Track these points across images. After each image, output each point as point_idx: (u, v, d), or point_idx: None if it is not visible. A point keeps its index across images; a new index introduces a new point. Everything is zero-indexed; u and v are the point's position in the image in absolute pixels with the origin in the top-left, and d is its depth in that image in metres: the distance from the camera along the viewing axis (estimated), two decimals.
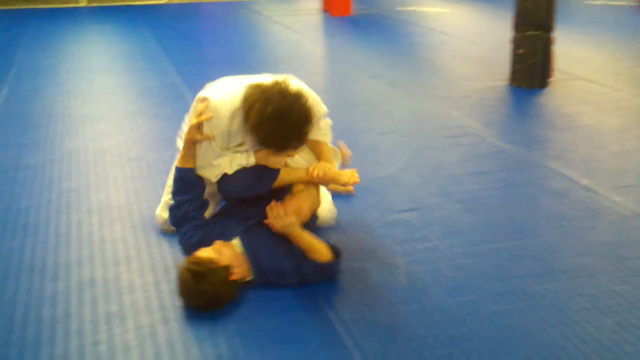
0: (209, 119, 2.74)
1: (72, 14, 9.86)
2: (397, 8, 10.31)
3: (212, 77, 3.00)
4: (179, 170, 2.88)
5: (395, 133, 4.70)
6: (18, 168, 4.02)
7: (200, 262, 2.56)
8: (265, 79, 2.84)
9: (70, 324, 2.51)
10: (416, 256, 2.99)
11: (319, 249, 2.75)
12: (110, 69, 6.74)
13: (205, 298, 2.55)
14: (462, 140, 4.52)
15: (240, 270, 2.65)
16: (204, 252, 2.62)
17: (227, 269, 2.59)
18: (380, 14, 9.92)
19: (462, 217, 3.38)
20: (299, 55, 7.48)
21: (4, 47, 7.67)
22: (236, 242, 2.75)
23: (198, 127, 2.76)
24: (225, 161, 2.83)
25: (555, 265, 2.90)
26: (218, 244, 2.69)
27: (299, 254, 2.74)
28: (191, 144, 2.81)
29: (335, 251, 2.79)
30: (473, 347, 2.36)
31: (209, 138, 2.77)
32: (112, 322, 2.52)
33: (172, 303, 2.63)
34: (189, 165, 2.85)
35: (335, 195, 3.46)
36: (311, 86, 2.93)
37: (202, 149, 2.81)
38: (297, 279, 2.72)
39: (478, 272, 2.84)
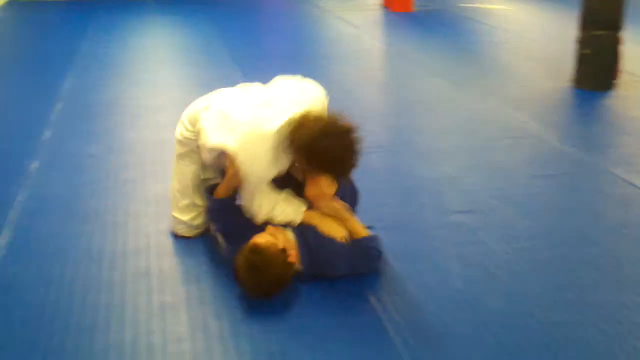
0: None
1: (138, 6, 10.02)
2: (459, 4, 10.14)
3: (271, 72, 3.00)
4: (218, 202, 2.88)
5: (454, 133, 4.62)
6: (80, 156, 4.11)
7: (261, 249, 2.56)
8: (256, 89, 2.85)
9: (125, 312, 2.55)
10: (471, 260, 2.93)
11: (361, 230, 2.79)
12: (173, 61, 6.83)
13: (269, 283, 2.56)
14: (522, 141, 4.41)
15: (295, 254, 2.66)
16: (261, 238, 2.63)
17: (284, 251, 2.60)
18: (442, 10, 9.78)
19: (521, 221, 3.30)
20: (358, 51, 7.43)
21: (71, 37, 7.85)
22: (288, 230, 2.76)
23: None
24: (269, 205, 2.75)
25: (618, 276, 2.80)
26: (272, 228, 2.70)
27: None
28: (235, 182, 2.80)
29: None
30: (527, 358, 2.30)
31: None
32: (166, 312, 2.55)
33: (226, 297, 2.64)
34: (227, 195, 2.86)
35: (385, 196, 3.43)
36: (369, 82, 2.89)
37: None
38: (347, 265, 2.71)
39: (535, 280, 2.77)
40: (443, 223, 3.28)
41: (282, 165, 2.67)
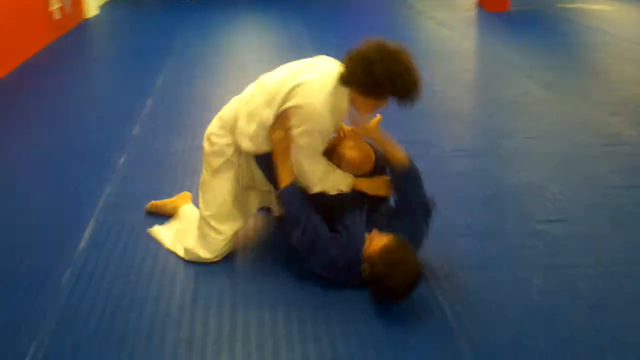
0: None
1: (230, 5, 10.21)
2: (557, 4, 9.79)
3: None
4: (291, 190, 2.73)
5: (543, 138, 4.45)
6: (166, 153, 4.21)
7: (390, 246, 2.54)
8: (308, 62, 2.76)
9: (197, 306, 2.58)
10: (553, 272, 2.81)
11: (397, 153, 2.74)
12: (261, 59, 6.91)
13: (414, 275, 2.51)
14: (617, 150, 4.20)
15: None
16: (378, 242, 2.59)
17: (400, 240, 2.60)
18: (539, 10, 9.47)
19: (610, 233, 3.14)
20: (449, 51, 7.30)
21: (164, 35, 8.07)
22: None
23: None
24: (321, 171, 2.72)
25: None
26: (375, 232, 2.67)
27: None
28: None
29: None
30: None
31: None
32: (237, 308, 2.56)
33: (282, 298, 2.64)
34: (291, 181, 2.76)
35: (466, 201, 3.33)
36: (458, 84, 2.82)
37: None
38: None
39: (621, 296, 2.63)
40: (526, 232, 3.16)
41: (341, 113, 2.66)
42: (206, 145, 2.92)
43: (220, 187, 2.88)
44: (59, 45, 7.53)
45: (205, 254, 2.87)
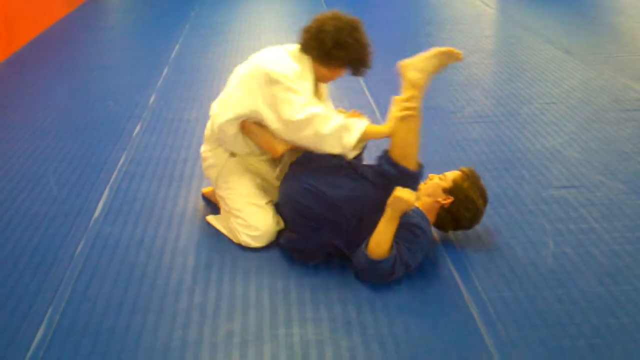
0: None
1: None
2: None
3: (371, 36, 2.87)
4: (363, 260, 2.50)
5: (562, 103, 4.39)
6: (180, 121, 4.21)
7: (466, 173, 2.70)
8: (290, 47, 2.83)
9: (210, 274, 2.60)
10: (569, 237, 2.78)
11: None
12: (276, 28, 6.87)
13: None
14: (638, 115, 4.12)
15: None
16: (449, 176, 2.69)
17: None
18: None
19: (627, 199, 3.09)
20: (467, 16, 7.19)
21: (181, 5, 8.04)
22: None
23: None
24: (309, 100, 2.66)
25: None
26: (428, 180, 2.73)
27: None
28: None
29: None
30: (619, 341, 2.16)
31: None
32: (250, 277, 2.58)
33: (296, 265, 2.64)
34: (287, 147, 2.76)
35: (484, 167, 3.30)
36: (476, 49, 2.79)
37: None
38: None
39: (637, 261, 2.59)
40: (542, 197, 3.13)
41: (307, 69, 2.72)
42: (202, 165, 3.03)
43: (238, 188, 2.87)
44: (75, 16, 7.53)
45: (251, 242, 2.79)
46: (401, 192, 2.44)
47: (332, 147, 2.62)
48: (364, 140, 2.73)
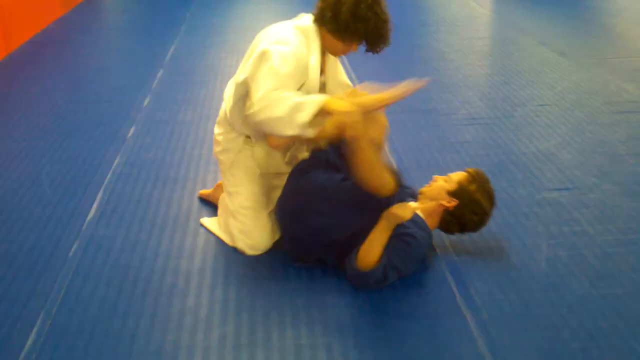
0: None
1: None
2: None
3: None
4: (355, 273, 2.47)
5: (556, 105, 4.40)
6: (175, 122, 4.21)
7: (473, 174, 2.67)
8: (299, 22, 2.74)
9: (204, 279, 2.59)
10: (562, 240, 2.79)
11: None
12: None
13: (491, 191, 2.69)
14: (632, 117, 4.14)
15: None
16: (454, 177, 2.66)
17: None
18: None
19: (620, 201, 3.11)
20: (463, 18, 7.20)
21: (177, 6, 8.04)
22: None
23: None
24: (272, 82, 2.47)
25: None
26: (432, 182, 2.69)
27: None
28: None
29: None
30: (612, 345, 2.17)
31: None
32: (243, 280, 2.58)
33: (290, 269, 2.63)
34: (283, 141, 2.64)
35: (477, 167, 3.31)
36: (471, 51, 2.77)
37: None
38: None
39: (629, 264, 2.60)
40: (535, 200, 3.14)
41: (311, 48, 2.62)
42: (214, 148, 2.92)
43: (246, 191, 2.80)
44: (71, 18, 7.52)
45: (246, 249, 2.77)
46: (398, 209, 2.41)
47: (286, 129, 2.44)
48: (324, 116, 2.44)
